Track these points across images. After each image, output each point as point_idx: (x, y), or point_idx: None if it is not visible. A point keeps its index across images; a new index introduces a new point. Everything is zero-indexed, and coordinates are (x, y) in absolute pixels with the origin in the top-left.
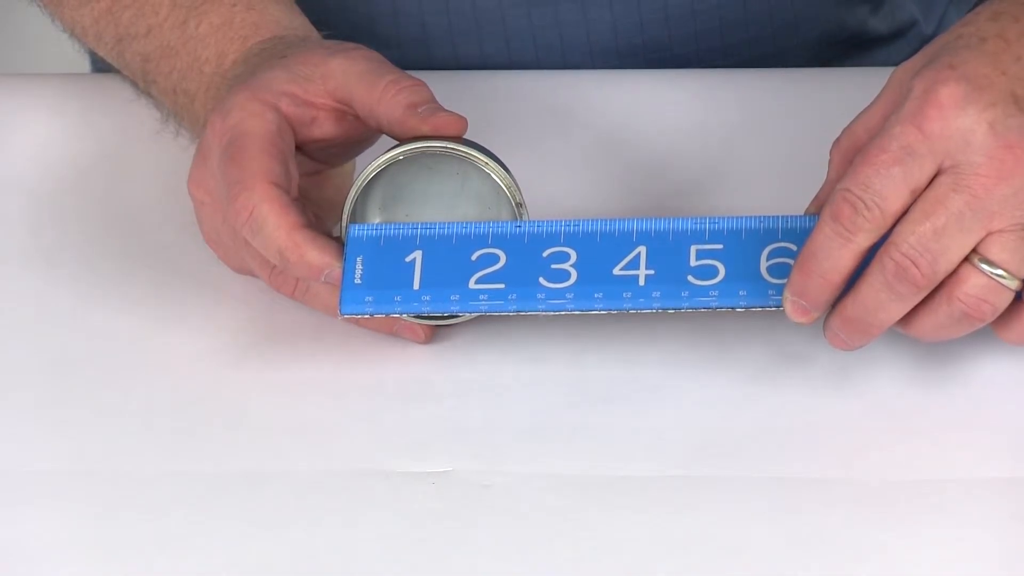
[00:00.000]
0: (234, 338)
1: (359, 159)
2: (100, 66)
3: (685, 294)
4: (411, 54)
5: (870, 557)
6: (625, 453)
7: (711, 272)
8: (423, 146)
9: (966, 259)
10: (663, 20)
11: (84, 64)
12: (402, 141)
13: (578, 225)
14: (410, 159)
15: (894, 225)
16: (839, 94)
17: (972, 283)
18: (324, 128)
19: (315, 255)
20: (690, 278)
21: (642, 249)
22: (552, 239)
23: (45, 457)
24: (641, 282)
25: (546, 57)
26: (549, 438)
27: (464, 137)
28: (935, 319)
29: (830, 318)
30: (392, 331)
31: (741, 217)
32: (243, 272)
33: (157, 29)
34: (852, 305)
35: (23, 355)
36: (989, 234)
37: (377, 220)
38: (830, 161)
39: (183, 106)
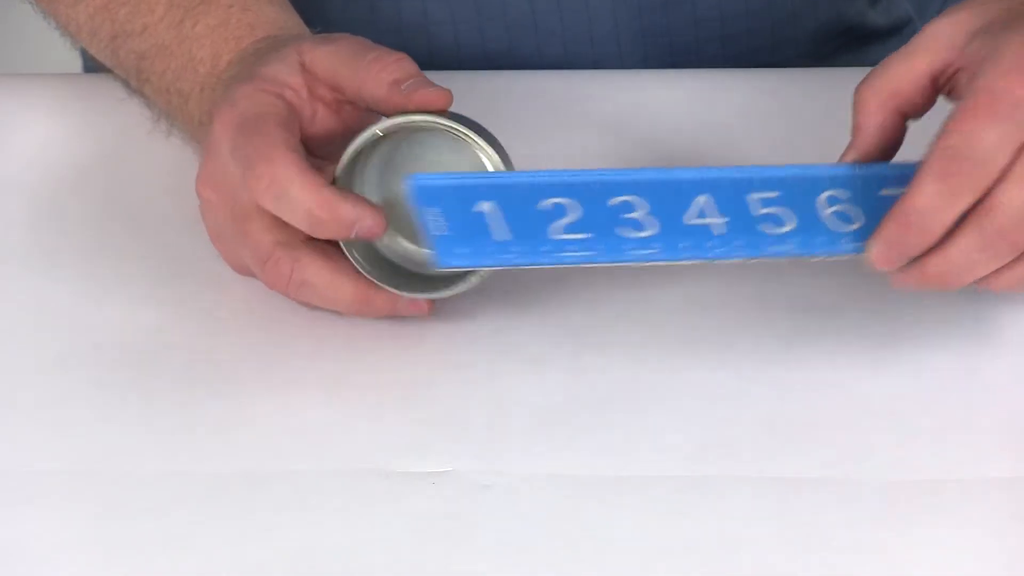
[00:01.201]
0: (234, 337)
1: None
2: (91, 66)
3: (762, 244)
4: (412, 40)
5: (870, 557)
6: (625, 453)
7: (778, 220)
8: (405, 121)
9: None
10: (662, 6)
11: (76, 64)
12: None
13: (636, 174)
14: (395, 135)
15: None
16: (838, 93)
17: None
18: (325, 122)
19: (347, 208)
20: (763, 227)
21: (704, 199)
22: (618, 188)
23: (45, 457)
24: (718, 231)
25: (546, 43)
26: (549, 438)
27: (451, 111)
28: (1015, 275)
29: (908, 266)
30: (395, 311)
31: (782, 167)
32: (244, 273)
33: (152, 27)
34: (939, 261)
35: (23, 355)
36: None
37: (375, 199)
38: (862, 106)
39: (177, 106)
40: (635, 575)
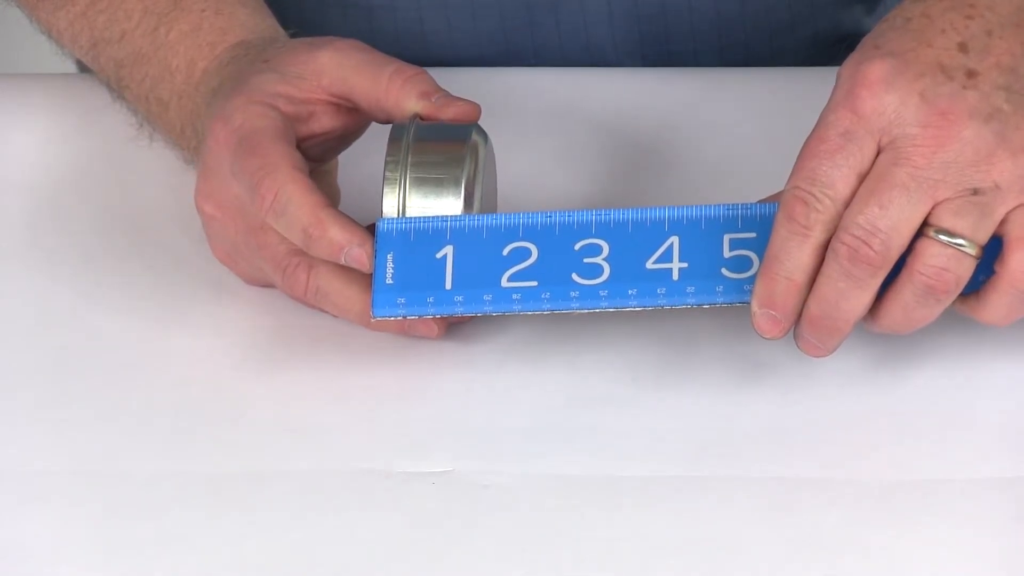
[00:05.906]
0: (234, 338)
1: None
2: (84, 65)
3: (720, 289)
4: (408, 48)
5: (870, 557)
6: (625, 453)
7: (745, 264)
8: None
9: (921, 233)
10: (660, 16)
11: (70, 64)
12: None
13: (609, 214)
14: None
15: None
16: None
17: (930, 254)
18: (322, 122)
19: (337, 232)
20: (724, 271)
21: (675, 239)
22: (584, 230)
23: (45, 457)
24: (675, 276)
25: (544, 51)
26: (549, 438)
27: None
28: (900, 301)
29: (798, 325)
30: (404, 330)
31: (772, 204)
32: (257, 283)
33: (130, 35)
34: (815, 303)
35: (23, 355)
36: (937, 204)
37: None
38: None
39: (156, 114)
40: (635, 575)
